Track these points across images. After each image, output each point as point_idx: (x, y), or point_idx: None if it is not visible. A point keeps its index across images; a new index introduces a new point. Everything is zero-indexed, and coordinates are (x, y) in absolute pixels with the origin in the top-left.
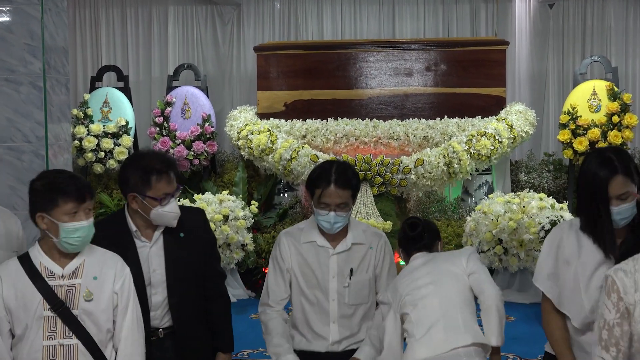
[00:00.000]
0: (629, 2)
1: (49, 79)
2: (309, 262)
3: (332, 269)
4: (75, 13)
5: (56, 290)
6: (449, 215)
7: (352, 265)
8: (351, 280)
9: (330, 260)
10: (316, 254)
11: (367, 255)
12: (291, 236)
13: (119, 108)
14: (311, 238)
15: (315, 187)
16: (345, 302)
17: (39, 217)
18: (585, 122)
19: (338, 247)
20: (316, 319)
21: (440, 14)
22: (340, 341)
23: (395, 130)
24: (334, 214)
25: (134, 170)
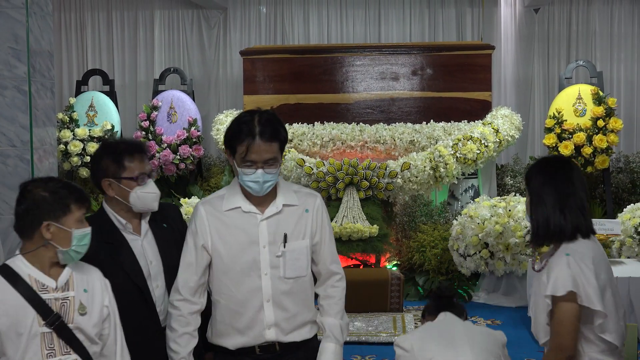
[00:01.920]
0: (614, 7)
1: (34, 83)
2: (234, 232)
3: (262, 237)
4: (61, 16)
5: (51, 304)
6: (435, 219)
7: (286, 230)
8: (285, 249)
9: (259, 227)
10: (242, 222)
11: (303, 219)
12: (210, 205)
13: (104, 112)
14: (234, 204)
15: (237, 143)
16: (280, 275)
17: (45, 227)
18: (571, 126)
19: (267, 211)
20: (245, 302)
21: (426, 19)
22: (278, 325)
23: (381, 135)
24: (262, 171)
25: (105, 155)
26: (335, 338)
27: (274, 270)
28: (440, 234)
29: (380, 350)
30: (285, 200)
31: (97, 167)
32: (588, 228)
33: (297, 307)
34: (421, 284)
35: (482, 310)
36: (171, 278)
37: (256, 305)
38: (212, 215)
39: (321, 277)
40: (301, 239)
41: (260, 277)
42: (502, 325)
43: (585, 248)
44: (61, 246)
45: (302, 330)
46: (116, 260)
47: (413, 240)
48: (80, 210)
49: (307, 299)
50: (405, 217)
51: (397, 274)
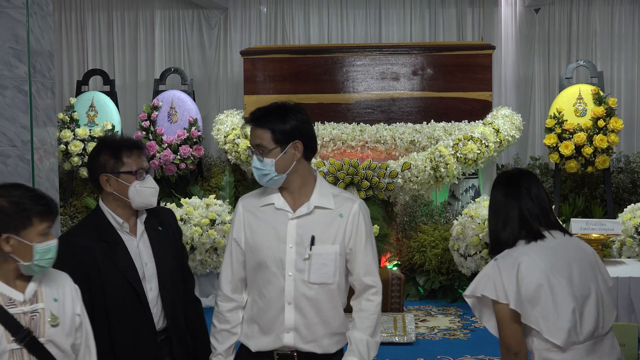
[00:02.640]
0: (614, 7)
1: (35, 83)
2: (264, 228)
3: (290, 236)
4: (61, 16)
5: (19, 319)
6: (435, 219)
7: (314, 232)
8: (312, 251)
9: (288, 225)
10: (273, 219)
11: (335, 224)
12: (248, 200)
13: (105, 112)
14: (269, 200)
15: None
16: (304, 279)
17: (4, 240)
18: (571, 126)
19: (298, 210)
20: (269, 301)
21: (426, 19)
22: (297, 330)
23: (382, 135)
24: (255, 157)
25: (103, 151)
26: (359, 353)
27: (298, 273)
28: (440, 234)
29: (380, 350)
30: (319, 202)
31: (95, 162)
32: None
33: (321, 316)
34: (422, 284)
35: None
36: (164, 281)
37: (278, 305)
38: (248, 210)
39: (356, 290)
40: (330, 243)
41: (284, 278)
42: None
43: (520, 252)
44: (23, 260)
45: (323, 342)
46: (112, 259)
47: (413, 240)
48: (44, 223)
49: (333, 310)
50: (406, 217)
51: (397, 274)
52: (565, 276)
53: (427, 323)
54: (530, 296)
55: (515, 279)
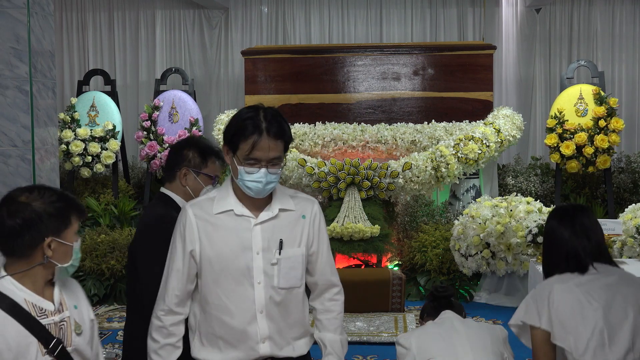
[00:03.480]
0: (615, 7)
1: (36, 83)
2: (225, 237)
3: (255, 242)
4: (62, 16)
5: (50, 329)
6: (436, 219)
7: (281, 236)
8: (281, 256)
9: (252, 231)
10: (234, 226)
11: (299, 225)
12: (199, 207)
13: (106, 112)
14: (226, 206)
15: (241, 140)
16: (273, 284)
17: (47, 244)
18: (572, 126)
19: (262, 215)
20: (237, 312)
21: (427, 19)
22: (272, 338)
23: (383, 135)
24: (266, 170)
25: (192, 147)
26: (336, 354)
27: (267, 279)
28: (441, 234)
29: (381, 351)
30: (282, 205)
31: (180, 154)
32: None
33: (291, 320)
34: (423, 284)
35: (484, 311)
36: None
37: (248, 316)
38: (201, 218)
39: (317, 289)
40: (297, 246)
41: (253, 286)
42: (504, 325)
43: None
44: (60, 262)
45: (296, 345)
46: None
47: (414, 240)
48: (78, 222)
49: (300, 312)
50: (407, 217)
51: (398, 274)
52: (600, 301)
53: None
54: (561, 316)
55: (547, 300)
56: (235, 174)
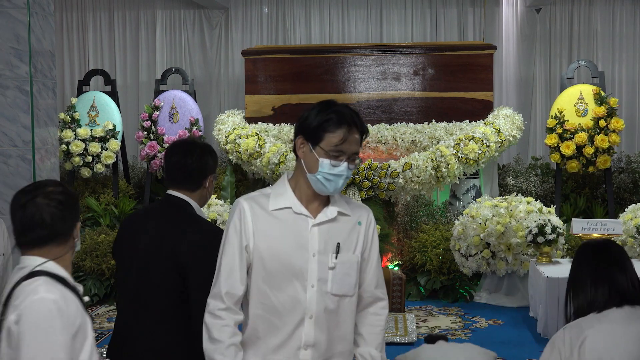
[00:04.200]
0: (616, 7)
1: (36, 83)
2: (281, 234)
3: (312, 244)
4: (62, 17)
5: None
6: (437, 219)
7: (338, 240)
8: (337, 260)
9: (310, 232)
10: (292, 224)
11: (355, 231)
12: (255, 202)
13: (106, 112)
14: (284, 203)
15: (329, 130)
16: (327, 290)
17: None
18: (572, 126)
19: (320, 215)
20: (285, 314)
21: (427, 19)
22: (316, 346)
23: (383, 135)
24: (347, 164)
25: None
26: None
27: (321, 284)
28: (441, 234)
29: None
30: (340, 208)
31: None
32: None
33: (339, 331)
34: (423, 284)
35: (484, 311)
36: None
37: (296, 320)
38: (257, 214)
39: (362, 302)
40: (352, 252)
41: (306, 289)
42: (504, 325)
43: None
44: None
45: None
46: None
47: (415, 240)
48: None
49: (349, 324)
50: (407, 217)
51: (398, 274)
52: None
53: (429, 323)
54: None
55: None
56: (311, 167)
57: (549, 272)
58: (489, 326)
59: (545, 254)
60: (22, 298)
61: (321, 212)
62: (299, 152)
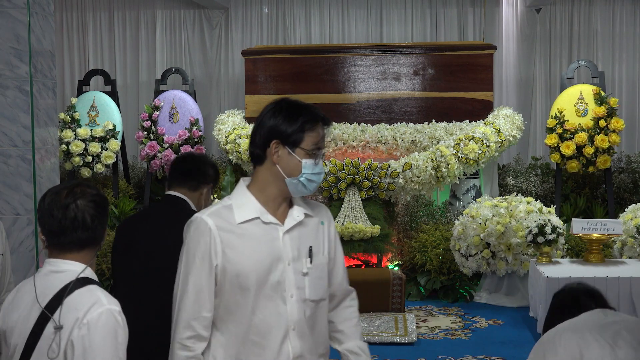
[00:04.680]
0: (616, 7)
1: (36, 83)
2: (255, 250)
3: (285, 252)
4: (63, 17)
5: None
6: (437, 219)
7: (309, 243)
8: (311, 265)
9: (282, 240)
10: (262, 236)
11: (320, 232)
12: (219, 217)
13: (106, 112)
14: (250, 214)
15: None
16: (305, 297)
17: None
18: (572, 126)
19: (287, 221)
20: (268, 332)
21: (428, 19)
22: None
23: (383, 135)
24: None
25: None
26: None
27: (298, 292)
28: (441, 234)
29: (382, 351)
30: (303, 209)
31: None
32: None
33: (318, 337)
34: (423, 284)
35: (484, 311)
36: None
37: (280, 335)
38: (223, 229)
39: (335, 300)
40: (322, 254)
41: (285, 301)
42: (504, 325)
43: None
44: None
45: None
46: None
47: (415, 240)
48: None
49: (325, 327)
50: (407, 217)
51: (398, 274)
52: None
53: (429, 323)
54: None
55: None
56: (292, 171)
57: (549, 272)
58: (489, 326)
59: (545, 254)
60: (85, 308)
61: (288, 217)
62: (273, 158)
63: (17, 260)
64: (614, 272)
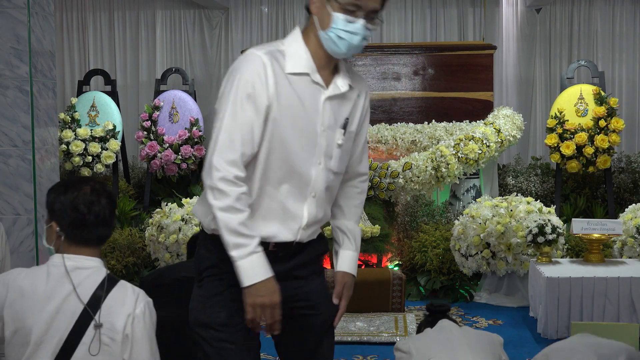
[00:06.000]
0: (616, 6)
1: (36, 83)
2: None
3: (323, 117)
4: (63, 16)
5: None
6: (437, 219)
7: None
8: (345, 137)
9: (323, 105)
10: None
11: (356, 105)
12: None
13: (106, 112)
14: (302, 68)
15: None
16: (330, 167)
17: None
18: (572, 127)
19: (331, 87)
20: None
21: (427, 19)
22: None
23: (383, 135)
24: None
25: None
26: (356, 246)
27: (326, 160)
28: (441, 234)
29: (381, 351)
30: (348, 79)
31: None
32: None
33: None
34: (423, 284)
35: (484, 311)
36: None
37: (299, 197)
38: (277, 73)
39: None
40: (353, 128)
41: (312, 166)
42: (504, 325)
43: None
44: None
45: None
46: None
47: (414, 240)
48: None
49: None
50: (407, 217)
51: (398, 274)
52: None
53: None
54: None
55: None
56: (323, 23)
57: (549, 272)
58: (489, 326)
59: (545, 254)
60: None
61: (332, 83)
62: (312, 7)
63: (17, 260)
64: (614, 272)
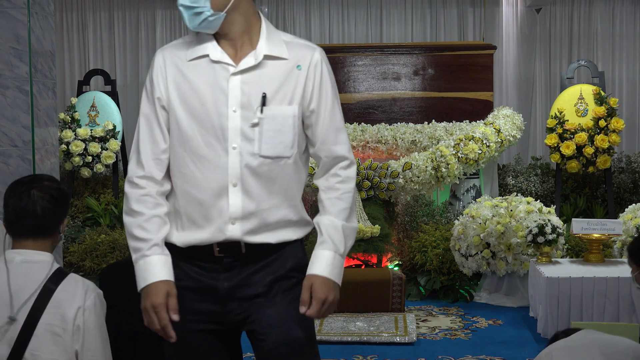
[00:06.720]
0: (616, 6)
1: (36, 83)
2: (196, 89)
3: (232, 96)
4: (63, 17)
5: None
6: (437, 219)
7: (266, 90)
8: (263, 114)
9: (230, 82)
10: (208, 76)
11: (292, 79)
12: (171, 51)
13: (106, 112)
14: (201, 51)
15: None
16: (254, 151)
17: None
18: (572, 127)
19: (242, 62)
20: (204, 183)
21: (427, 19)
22: (246, 219)
23: (383, 135)
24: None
25: None
26: (333, 244)
27: (245, 144)
28: (441, 234)
29: (381, 351)
30: (269, 50)
31: None
32: None
33: (275, 199)
34: (423, 284)
35: (484, 311)
36: None
37: (218, 189)
38: (173, 63)
39: (321, 163)
40: (286, 104)
41: (227, 152)
42: (504, 325)
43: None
44: None
45: (279, 232)
46: None
47: (415, 240)
48: None
49: (290, 190)
50: (407, 217)
51: (398, 274)
52: None
53: (428, 323)
54: None
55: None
56: None
57: (549, 272)
58: (489, 326)
59: (545, 254)
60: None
61: (246, 57)
62: None
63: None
64: (614, 272)
